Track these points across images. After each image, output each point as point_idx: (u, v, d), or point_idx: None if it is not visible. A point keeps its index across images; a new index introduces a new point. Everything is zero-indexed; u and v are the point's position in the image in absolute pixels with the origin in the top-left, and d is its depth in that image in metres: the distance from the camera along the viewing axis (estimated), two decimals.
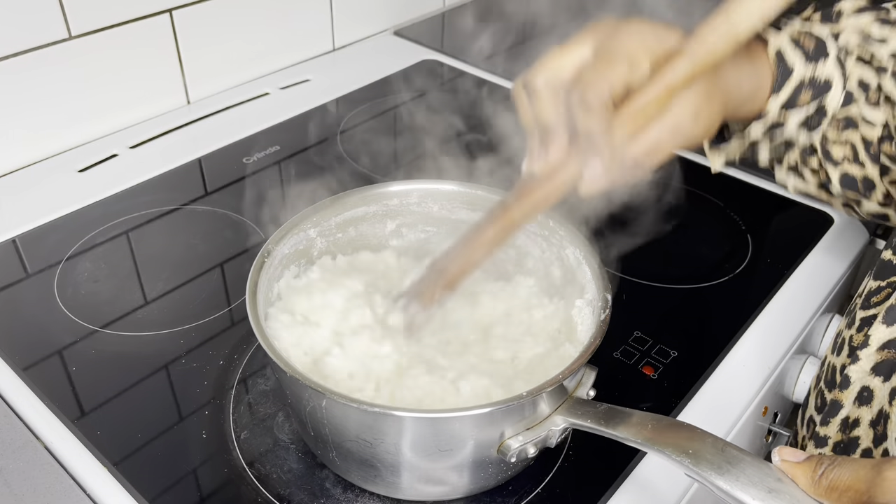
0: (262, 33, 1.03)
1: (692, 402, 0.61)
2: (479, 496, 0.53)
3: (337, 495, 0.53)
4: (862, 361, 0.54)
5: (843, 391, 0.55)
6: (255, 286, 0.53)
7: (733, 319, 0.69)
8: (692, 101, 0.46)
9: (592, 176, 0.45)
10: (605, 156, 0.44)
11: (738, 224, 0.81)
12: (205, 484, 0.54)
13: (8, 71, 0.80)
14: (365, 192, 0.62)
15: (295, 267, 0.59)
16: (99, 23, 0.85)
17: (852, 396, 0.55)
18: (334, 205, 0.61)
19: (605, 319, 0.51)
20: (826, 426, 0.57)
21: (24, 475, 0.53)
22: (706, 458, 0.41)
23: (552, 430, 0.48)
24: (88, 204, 0.80)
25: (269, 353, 0.47)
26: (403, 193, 0.63)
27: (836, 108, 0.53)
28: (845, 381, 0.55)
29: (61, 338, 0.64)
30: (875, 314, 0.55)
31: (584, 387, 0.51)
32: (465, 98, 1.01)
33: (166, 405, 0.59)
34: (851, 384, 0.54)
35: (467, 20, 1.26)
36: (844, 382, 0.55)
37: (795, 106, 0.52)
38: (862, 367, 0.54)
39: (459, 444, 0.47)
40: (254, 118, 0.95)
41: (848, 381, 0.54)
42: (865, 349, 0.54)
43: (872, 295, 0.56)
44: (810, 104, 0.53)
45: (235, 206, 0.80)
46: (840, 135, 0.54)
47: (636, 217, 0.76)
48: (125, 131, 0.92)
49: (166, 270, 0.72)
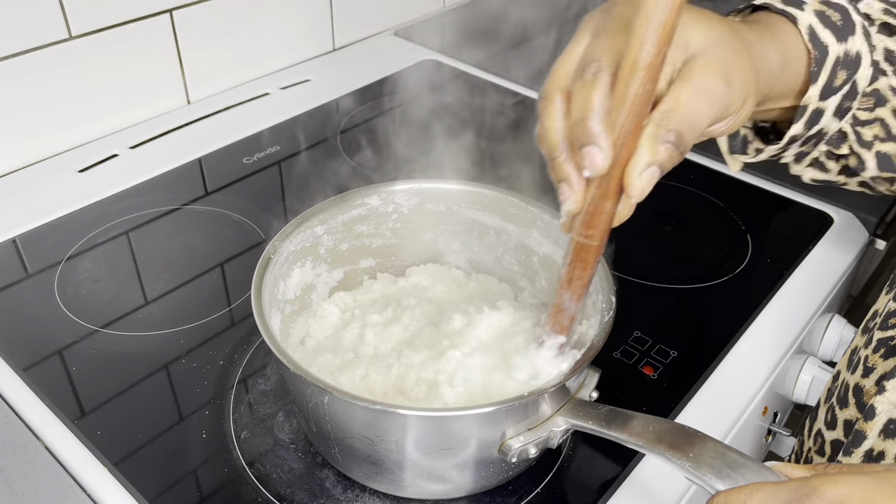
0: (262, 33, 1.03)
1: (692, 402, 0.61)
2: (479, 496, 0.53)
3: (337, 495, 0.53)
4: (889, 393, 0.51)
5: (868, 422, 0.52)
6: (260, 281, 0.53)
7: (733, 319, 0.69)
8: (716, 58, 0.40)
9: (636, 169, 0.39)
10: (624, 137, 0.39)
11: (738, 224, 0.81)
12: (205, 484, 0.54)
13: (8, 71, 0.80)
14: (370, 191, 0.62)
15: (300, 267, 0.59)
16: (99, 23, 0.85)
17: (877, 428, 0.52)
18: (341, 203, 0.61)
19: (608, 321, 0.51)
20: (849, 456, 0.54)
21: (25, 475, 0.53)
22: (707, 461, 0.41)
23: (554, 430, 0.48)
24: (88, 204, 0.80)
25: (273, 348, 0.47)
26: (408, 192, 0.63)
27: (866, 84, 0.50)
28: (871, 412, 0.52)
29: (61, 338, 0.64)
30: None
31: (587, 388, 0.51)
32: (465, 98, 1.01)
33: (166, 405, 0.59)
34: (877, 415, 0.51)
35: (467, 20, 1.26)
36: (870, 413, 0.52)
37: (832, 90, 0.49)
38: (890, 400, 0.51)
39: (461, 443, 0.47)
40: (254, 118, 0.95)
41: (874, 412, 0.52)
42: (893, 380, 0.51)
43: (892, 316, 0.54)
44: (845, 86, 0.49)
45: (235, 206, 0.80)
46: (870, 114, 0.51)
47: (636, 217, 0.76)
48: (125, 131, 0.92)
49: (166, 270, 0.72)
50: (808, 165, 0.57)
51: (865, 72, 0.49)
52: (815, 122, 0.50)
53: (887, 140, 0.52)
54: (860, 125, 0.52)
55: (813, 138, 0.52)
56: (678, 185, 0.86)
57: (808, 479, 0.34)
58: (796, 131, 0.50)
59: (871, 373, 0.55)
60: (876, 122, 0.52)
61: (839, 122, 0.51)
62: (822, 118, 0.50)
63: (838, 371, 0.60)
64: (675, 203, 0.84)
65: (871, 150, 0.53)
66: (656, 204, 0.82)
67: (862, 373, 0.56)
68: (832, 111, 0.50)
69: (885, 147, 0.52)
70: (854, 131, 0.52)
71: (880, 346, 0.55)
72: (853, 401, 0.56)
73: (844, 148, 0.54)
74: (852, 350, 0.59)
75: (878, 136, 0.52)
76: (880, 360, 0.55)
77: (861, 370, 0.56)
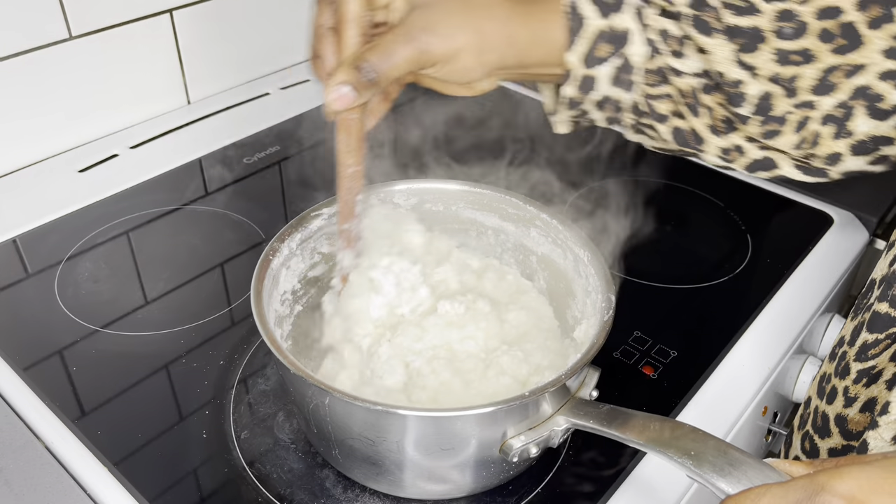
0: (263, 33, 1.03)
1: (692, 402, 0.61)
2: (480, 496, 0.53)
3: (337, 495, 0.53)
4: (882, 429, 0.50)
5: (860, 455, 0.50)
6: (261, 280, 0.53)
7: (733, 319, 0.69)
8: (427, 12, 0.49)
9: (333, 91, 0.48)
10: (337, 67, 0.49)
11: (738, 224, 0.81)
12: (205, 484, 0.54)
13: (8, 71, 0.80)
14: (374, 190, 0.62)
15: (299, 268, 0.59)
16: (99, 23, 0.85)
17: None
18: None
19: (608, 320, 0.51)
20: None
21: (25, 475, 0.53)
22: (708, 459, 0.41)
23: (554, 430, 0.48)
24: (89, 204, 0.80)
25: (273, 349, 0.47)
26: (408, 192, 0.63)
27: (642, 60, 0.52)
28: (863, 447, 0.51)
29: (62, 338, 0.64)
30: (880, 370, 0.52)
31: (587, 387, 0.51)
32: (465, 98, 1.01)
33: (166, 405, 0.59)
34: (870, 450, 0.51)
35: None
36: (862, 448, 0.51)
37: (596, 59, 0.52)
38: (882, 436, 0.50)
39: (462, 443, 0.47)
40: (254, 118, 0.95)
41: (865, 447, 0.51)
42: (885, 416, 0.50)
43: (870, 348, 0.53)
44: (612, 58, 0.52)
45: (235, 206, 0.80)
46: (658, 89, 0.54)
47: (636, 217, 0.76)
48: (125, 131, 0.92)
49: (166, 270, 0.72)
50: (637, 133, 0.58)
51: (639, 48, 0.52)
52: (589, 87, 0.53)
53: (676, 116, 0.54)
54: (653, 99, 0.54)
55: (605, 104, 0.55)
56: (678, 185, 0.86)
57: (813, 476, 0.34)
58: (569, 93, 0.54)
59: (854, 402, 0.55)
60: (665, 97, 0.54)
61: (627, 93, 0.54)
62: (596, 84, 0.53)
63: (808, 397, 0.59)
64: (675, 203, 0.84)
65: (665, 124, 0.55)
66: (656, 204, 0.83)
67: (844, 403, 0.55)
68: (608, 80, 0.53)
69: (677, 122, 0.54)
70: (648, 104, 0.54)
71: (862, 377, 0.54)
72: (836, 430, 0.55)
73: (647, 119, 0.56)
74: (822, 376, 0.58)
75: (673, 112, 0.54)
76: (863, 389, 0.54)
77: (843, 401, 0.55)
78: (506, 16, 0.52)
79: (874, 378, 0.53)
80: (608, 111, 0.55)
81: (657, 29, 0.52)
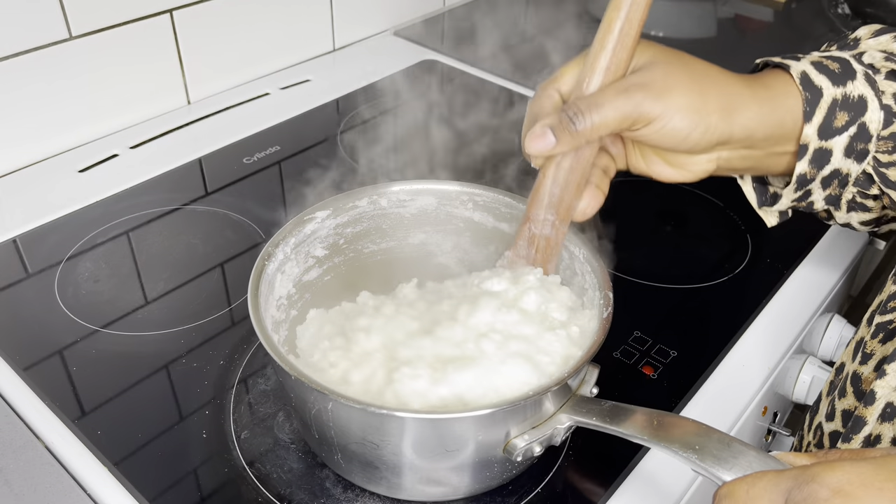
0: (262, 33, 1.03)
1: (692, 402, 0.61)
2: (480, 496, 0.53)
3: (337, 495, 0.53)
4: (889, 377, 0.51)
5: (867, 407, 0.52)
6: (257, 286, 0.52)
7: (733, 319, 0.69)
8: (651, 72, 0.47)
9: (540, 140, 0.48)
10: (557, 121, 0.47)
11: (738, 224, 0.81)
12: (205, 484, 0.54)
13: (8, 71, 0.80)
14: (368, 192, 0.62)
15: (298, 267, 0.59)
16: (99, 23, 0.85)
17: (877, 413, 0.52)
18: (338, 203, 0.61)
19: (607, 317, 0.51)
20: (849, 443, 0.54)
21: (25, 475, 0.53)
22: (712, 452, 0.41)
23: (557, 428, 0.49)
24: (89, 204, 0.80)
25: (272, 354, 0.47)
26: (405, 193, 0.63)
27: (879, 127, 0.51)
28: (871, 397, 0.52)
29: (62, 338, 0.64)
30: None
31: (588, 385, 0.51)
32: (465, 98, 1.01)
33: (166, 405, 0.59)
34: (877, 400, 0.52)
35: (467, 20, 1.26)
36: (870, 398, 0.52)
37: (833, 130, 0.50)
38: (889, 383, 0.52)
39: (466, 444, 0.47)
40: (254, 118, 0.95)
41: (874, 397, 0.52)
42: (893, 363, 0.51)
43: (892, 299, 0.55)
44: (850, 127, 0.50)
45: (235, 206, 0.80)
46: (891, 156, 0.52)
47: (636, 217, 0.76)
48: (125, 131, 0.92)
49: (167, 270, 0.72)
50: (850, 211, 0.58)
51: (875, 115, 0.51)
52: (823, 161, 0.52)
53: None
54: (883, 167, 0.53)
55: (833, 180, 0.53)
56: (678, 184, 0.86)
57: (808, 466, 0.35)
58: (801, 169, 0.52)
59: (869, 359, 0.56)
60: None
61: (859, 164, 0.52)
62: (831, 158, 0.51)
63: (842, 363, 0.60)
64: (675, 203, 0.84)
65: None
66: (656, 204, 0.83)
67: (860, 360, 0.56)
68: (842, 151, 0.51)
69: None
70: (878, 173, 0.53)
71: (879, 331, 0.55)
72: (851, 390, 0.56)
73: (874, 189, 0.55)
74: (857, 341, 0.59)
75: None
76: (879, 345, 0.55)
77: (860, 357, 0.56)
78: (728, 82, 0.49)
79: (891, 335, 0.53)
80: (832, 188, 0.53)
81: (891, 93, 0.50)
